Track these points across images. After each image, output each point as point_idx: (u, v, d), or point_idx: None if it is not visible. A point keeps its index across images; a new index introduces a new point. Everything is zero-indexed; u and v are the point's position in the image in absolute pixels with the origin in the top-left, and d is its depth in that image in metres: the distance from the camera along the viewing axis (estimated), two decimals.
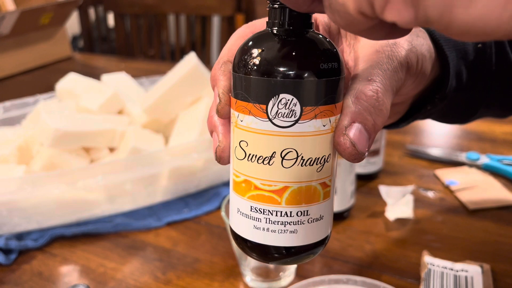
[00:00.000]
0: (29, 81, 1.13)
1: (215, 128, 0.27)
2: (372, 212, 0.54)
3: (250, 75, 0.23)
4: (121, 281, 0.46)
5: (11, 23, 1.06)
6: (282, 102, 0.22)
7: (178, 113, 0.62)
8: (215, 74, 0.27)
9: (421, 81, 0.30)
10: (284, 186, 0.23)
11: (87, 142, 0.57)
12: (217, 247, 0.50)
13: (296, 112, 0.22)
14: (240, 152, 0.24)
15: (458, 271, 0.43)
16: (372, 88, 0.24)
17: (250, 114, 0.23)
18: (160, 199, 0.58)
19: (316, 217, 0.24)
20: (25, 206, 0.52)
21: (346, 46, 0.29)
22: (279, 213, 0.24)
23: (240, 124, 0.24)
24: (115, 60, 1.33)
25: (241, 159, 0.24)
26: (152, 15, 1.57)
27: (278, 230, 0.24)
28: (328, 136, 0.23)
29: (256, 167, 0.24)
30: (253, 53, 0.23)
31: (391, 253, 0.47)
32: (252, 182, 0.24)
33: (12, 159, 0.57)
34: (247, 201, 0.25)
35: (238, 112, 0.24)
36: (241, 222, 0.25)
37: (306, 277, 0.41)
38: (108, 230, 0.53)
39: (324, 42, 0.24)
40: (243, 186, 0.25)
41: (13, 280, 0.47)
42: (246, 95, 0.23)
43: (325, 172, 0.24)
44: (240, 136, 0.24)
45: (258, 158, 0.23)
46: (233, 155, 0.25)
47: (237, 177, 0.25)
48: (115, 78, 0.74)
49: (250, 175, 0.24)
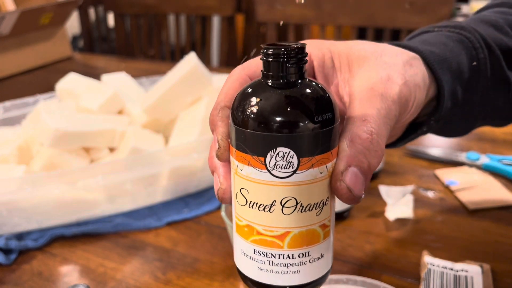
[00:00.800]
0: (29, 81, 1.13)
1: (216, 169, 0.27)
2: (372, 212, 0.54)
3: (247, 129, 0.23)
4: (121, 281, 0.46)
5: (11, 23, 1.06)
6: (279, 155, 0.23)
7: (178, 113, 0.62)
8: (213, 120, 0.27)
9: (416, 111, 0.30)
10: (285, 231, 0.24)
11: (87, 142, 0.57)
12: (217, 247, 0.50)
13: (293, 164, 0.23)
14: (242, 198, 0.25)
15: (458, 271, 0.43)
16: (367, 130, 0.24)
17: (249, 165, 0.24)
18: (160, 199, 0.58)
19: (317, 257, 0.26)
20: (25, 206, 0.52)
21: (341, 81, 0.29)
22: (281, 256, 0.25)
23: (240, 173, 0.25)
24: (115, 60, 1.33)
25: (243, 205, 0.25)
26: (152, 15, 1.57)
27: (282, 271, 0.25)
28: (325, 181, 0.24)
29: (258, 214, 0.25)
30: (248, 108, 0.24)
31: (391, 253, 0.47)
32: (255, 227, 0.25)
33: (12, 159, 0.57)
34: (251, 245, 0.26)
35: (237, 161, 0.25)
36: (246, 262, 0.26)
37: None
38: (108, 230, 0.53)
39: (318, 91, 0.24)
40: (245, 230, 0.26)
41: (13, 280, 0.47)
42: (245, 147, 0.24)
43: (324, 214, 0.25)
44: (241, 184, 0.25)
45: (259, 206, 0.24)
46: (235, 199, 0.26)
47: (239, 221, 0.26)
48: (115, 78, 0.74)
49: (252, 221, 0.25)
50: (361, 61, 0.28)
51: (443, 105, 0.32)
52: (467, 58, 0.33)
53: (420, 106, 0.31)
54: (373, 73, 0.27)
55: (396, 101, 0.26)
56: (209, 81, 0.61)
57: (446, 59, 0.32)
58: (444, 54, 0.32)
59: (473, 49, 0.33)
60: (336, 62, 0.29)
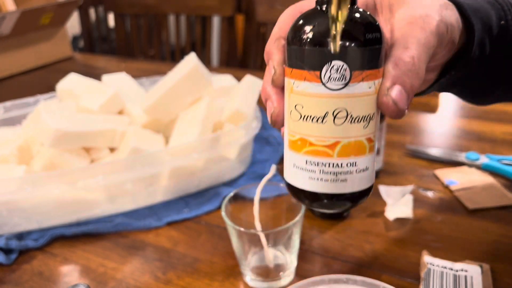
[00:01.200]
0: (29, 81, 1.13)
1: (269, 97, 0.30)
2: (371, 212, 0.54)
3: (305, 46, 0.26)
4: (121, 281, 0.46)
5: (11, 23, 1.06)
6: (334, 68, 0.26)
7: (178, 113, 0.63)
8: (269, 50, 0.30)
9: (450, 49, 0.33)
10: (335, 141, 0.27)
11: (87, 142, 0.57)
12: (217, 246, 0.50)
13: (346, 76, 0.26)
14: (296, 114, 0.28)
15: (457, 271, 0.43)
16: (409, 54, 0.27)
17: (305, 80, 0.27)
18: (160, 199, 0.58)
19: (362, 168, 0.28)
20: (25, 206, 0.52)
21: (382, 20, 0.32)
22: (331, 165, 0.27)
23: (296, 90, 0.27)
24: (116, 60, 1.33)
25: (297, 120, 0.28)
26: (152, 15, 1.57)
27: (331, 180, 0.28)
28: (372, 97, 0.27)
29: (311, 126, 0.27)
30: (307, 28, 0.27)
31: (390, 253, 0.48)
32: (307, 139, 0.28)
33: (13, 159, 0.57)
34: (303, 156, 0.28)
35: (293, 79, 0.27)
36: (297, 174, 0.29)
37: (306, 277, 0.41)
38: (109, 230, 0.53)
39: (368, 16, 0.27)
40: (298, 144, 0.28)
41: (14, 280, 0.47)
42: (302, 64, 0.27)
43: (370, 128, 0.27)
44: (296, 101, 0.28)
45: (313, 118, 0.27)
46: (288, 117, 0.29)
47: (292, 137, 0.29)
48: (115, 78, 0.74)
49: (306, 133, 0.28)
50: (401, 2, 0.31)
51: (473, 48, 0.34)
52: (496, 17, 0.35)
53: (454, 46, 0.33)
54: (412, 11, 0.30)
55: (434, 32, 0.29)
56: (209, 81, 0.61)
57: (478, 9, 0.34)
58: (475, 6, 0.34)
59: (502, 10, 0.36)
60: (378, 4, 0.32)
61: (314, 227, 0.52)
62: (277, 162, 0.67)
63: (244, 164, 0.64)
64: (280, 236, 0.42)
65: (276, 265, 0.44)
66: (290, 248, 0.43)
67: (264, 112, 0.84)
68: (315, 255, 0.48)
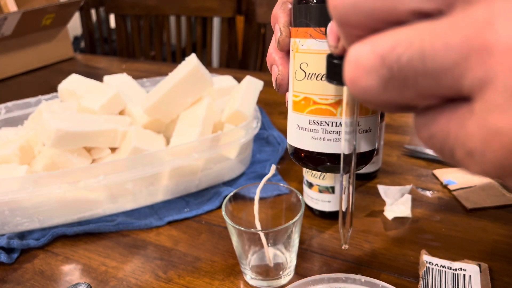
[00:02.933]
0: (31, 82, 1.14)
1: (274, 61, 0.30)
2: (370, 212, 0.55)
3: (311, 2, 0.27)
4: (122, 280, 0.46)
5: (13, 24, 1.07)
6: None
7: (179, 114, 0.63)
8: (276, 13, 0.30)
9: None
10: (339, 99, 0.27)
11: (88, 142, 0.58)
12: (218, 246, 0.50)
13: None
14: (301, 73, 0.28)
15: (456, 270, 0.44)
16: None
17: (310, 37, 0.27)
18: (161, 199, 0.59)
19: (365, 129, 0.28)
20: (27, 205, 0.52)
21: None
22: (334, 124, 0.27)
23: (301, 49, 0.28)
24: (117, 61, 1.34)
25: (301, 79, 0.28)
26: (153, 16, 1.58)
27: (333, 139, 0.28)
28: None
29: (315, 84, 0.28)
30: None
31: (389, 252, 0.48)
32: (311, 98, 0.28)
33: (14, 159, 0.57)
34: (306, 116, 0.28)
35: (299, 38, 0.28)
36: (300, 135, 0.29)
37: (305, 276, 0.41)
38: (110, 229, 0.54)
39: None
40: (302, 104, 0.29)
41: (15, 279, 0.47)
42: (307, 21, 0.27)
43: None
44: (301, 59, 0.28)
45: (317, 76, 0.27)
46: (293, 78, 0.29)
47: (296, 97, 0.29)
48: (116, 79, 0.74)
49: (310, 92, 0.28)
50: None
51: None
52: None
53: None
54: None
55: None
56: (209, 82, 0.62)
57: None
58: None
59: None
60: None
61: (314, 227, 0.52)
62: (277, 162, 0.67)
63: (244, 164, 0.64)
64: (280, 235, 0.42)
65: (276, 264, 0.44)
66: (289, 247, 0.44)
67: (264, 112, 0.84)
68: (315, 254, 0.48)
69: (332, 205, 0.52)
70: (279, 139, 0.73)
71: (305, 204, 0.48)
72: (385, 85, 0.15)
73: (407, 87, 0.15)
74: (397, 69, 0.14)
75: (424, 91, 0.15)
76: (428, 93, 0.15)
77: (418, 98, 0.15)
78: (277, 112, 0.87)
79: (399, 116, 0.80)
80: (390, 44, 0.15)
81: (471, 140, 0.14)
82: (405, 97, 0.15)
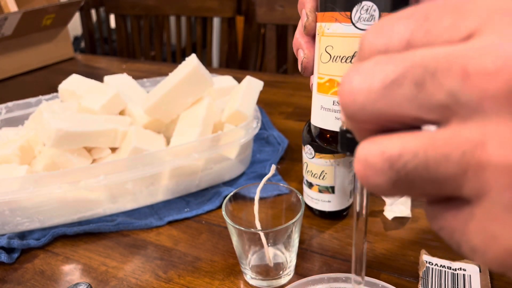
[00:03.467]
0: (31, 82, 1.14)
1: (300, 45, 0.32)
2: (370, 211, 0.55)
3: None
4: (123, 280, 0.46)
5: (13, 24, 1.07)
6: (364, 8, 0.27)
7: (179, 114, 0.63)
8: (302, 0, 0.31)
9: None
10: None
11: (89, 142, 0.58)
12: (218, 245, 0.51)
13: (375, 17, 0.27)
14: (326, 56, 0.29)
15: (456, 270, 0.44)
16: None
17: (336, 21, 0.28)
18: (161, 199, 0.59)
19: None
20: (27, 205, 0.52)
21: None
22: None
23: (327, 32, 0.29)
24: (117, 61, 1.34)
25: (326, 62, 0.29)
26: (153, 16, 1.58)
27: None
28: None
29: (340, 66, 0.29)
30: None
31: (389, 252, 0.48)
32: (335, 80, 0.29)
33: (15, 159, 0.57)
34: (330, 97, 0.30)
35: (325, 22, 0.29)
36: (324, 116, 0.30)
37: (305, 276, 0.41)
38: (110, 229, 0.54)
39: None
40: (327, 85, 0.30)
41: (16, 279, 0.47)
42: (333, 6, 0.28)
43: None
44: (326, 43, 0.29)
45: (342, 58, 0.29)
46: (318, 61, 0.30)
47: (321, 79, 0.30)
48: (117, 79, 0.74)
49: (334, 74, 0.29)
50: None
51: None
52: None
53: None
54: None
55: None
56: (209, 82, 0.62)
57: None
58: None
59: None
60: None
61: (314, 226, 0.52)
62: (277, 162, 0.67)
63: (244, 164, 0.64)
64: (280, 235, 0.42)
65: (275, 264, 0.44)
66: (289, 247, 0.44)
67: (264, 112, 0.85)
68: (315, 254, 0.48)
69: (332, 205, 0.52)
70: (279, 139, 0.73)
71: (305, 204, 0.48)
72: (394, 184, 0.17)
73: (414, 188, 0.16)
74: (404, 174, 0.16)
75: (430, 192, 0.16)
76: (434, 193, 0.16)
77: (425, 196, 0.17)
78: (277, 112, 0.87)
79: None
80: (397, 150, 0.16)
81: (474, 239, 0.16)
82: (413, 194, 0.17)
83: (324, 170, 0.50)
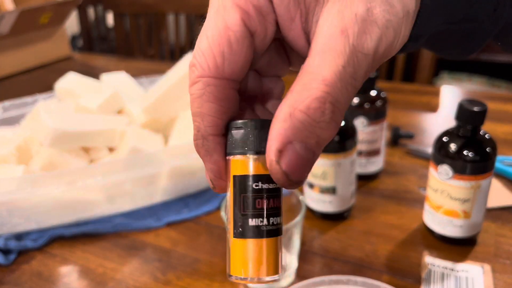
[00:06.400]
0: (28, 81, 1.13)
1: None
2: (372, 213, 0.54)
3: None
4: (121, 282, 0.46)
5: (10, 23, 1.06)
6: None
7: (178, 113, 0.62)
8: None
9: (401, 44, 0.22)
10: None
11: (86, 142, 0.57)
12: (217, 247, 0.50)
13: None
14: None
15: (458, 272, 0.43)
16: (320, 96, 0.18)
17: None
18: (160, 199, 0.58)
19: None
20: (24, 206, 0.51)
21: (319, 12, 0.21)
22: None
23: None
24: (115, 60, 1.33)
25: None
26: (151, 14, 1.57)
27: None
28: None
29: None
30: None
31: (391, 253, 0.47)
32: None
33: (11, 159, 0.56)
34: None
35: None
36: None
37: (307, 278, 0.41)
38: (108, 230, 0.53)
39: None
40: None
41: (13, 281, 0.47)
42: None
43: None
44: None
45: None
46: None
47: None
48: (114, 77, 0.74)
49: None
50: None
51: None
52: None
53: (405, 39, 0.22)
54: (347, 6, 0.19)
55: (369, 53, 0.19)
56: None
57: None
58: None
59: None
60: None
61: (315, 228, 0.52)
62: None
63: None
64: None
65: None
66: (290, 249, 0.43)
67: None
68: (316, 255, 0.48)
69: (334, 206, 0.51)
70: None
71: (306, 205, 0.48)
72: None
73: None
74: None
75: None
76: None
77: None
78: None
79: (401, 116, 0.79)
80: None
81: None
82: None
83: (325, 170, 0.49)
